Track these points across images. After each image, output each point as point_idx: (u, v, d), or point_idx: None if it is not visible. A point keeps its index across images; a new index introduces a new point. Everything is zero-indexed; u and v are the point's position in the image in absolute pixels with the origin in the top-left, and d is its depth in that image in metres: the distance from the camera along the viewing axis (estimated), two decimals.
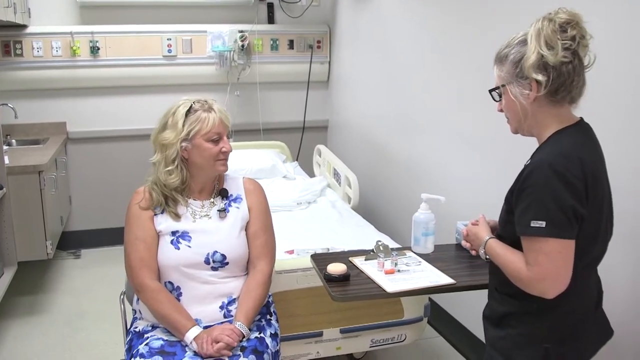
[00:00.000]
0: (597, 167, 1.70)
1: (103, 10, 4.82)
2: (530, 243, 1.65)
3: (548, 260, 1.61)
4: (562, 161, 1.61)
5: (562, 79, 1.65)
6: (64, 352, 3.48)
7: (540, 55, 1.63)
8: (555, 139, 1.71)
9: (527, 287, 1.67)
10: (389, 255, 2.33)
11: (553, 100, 1.69)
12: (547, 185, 1.61)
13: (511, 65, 1.72)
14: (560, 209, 1.59)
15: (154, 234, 2.28)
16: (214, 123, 2.24)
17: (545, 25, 1.64)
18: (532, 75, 1.66)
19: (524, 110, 1.73)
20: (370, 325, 2.87)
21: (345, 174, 4.06)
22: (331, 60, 5.34)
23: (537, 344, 1.72)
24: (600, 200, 1.69)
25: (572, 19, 1.64)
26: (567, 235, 1.60)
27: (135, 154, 4.82)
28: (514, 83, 1.72)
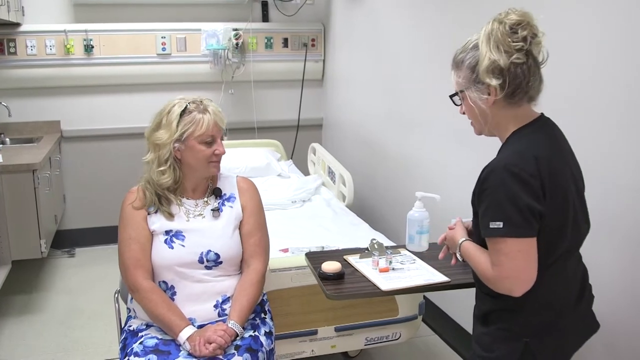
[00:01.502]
0: (557, 162, 1.69)
1: (97, 9, 4.82)
2: (491, 244, 1.67)
3: (508, 260, 1.63)
4: (517, 161, 1.63)
5: (517, 81, 1.66)
6: (58, 351, 3.48)
7: (492, 59, 1.64)
8: (513, 139, 1.73)
9: (494, 287, 1.70)
10: (383, 254, 2.33)
11: (511, 102, 1.70)
12: (502, 186, 1.63)
13: (467, 70, 1.73)
14: (516, 208, 1.60)
15: (147, 233, 2.27)
16: (208, 125, 2.23)
17: (495, 27, 1.65)
18: (487, 81, 1.67)
19: (483, 114, 1.75)
20: (364, 323, 2.87)
21: (340, 172, 4.06)
22: (325, 58, 5.35)
23: (517, 339, 1.73)
24: (563, 194, 1.68)
25: (522, 20, 1.65)
26: (525, 234, 1.62)
27: (130, 152, 4.82)
28: (471, 88, 1.73)
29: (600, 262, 2.24)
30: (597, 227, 2.25)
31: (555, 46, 2.42)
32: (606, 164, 2.20)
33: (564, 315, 1.76)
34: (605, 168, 2.21)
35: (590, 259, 2.27)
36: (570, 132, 2.32)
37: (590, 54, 2.27)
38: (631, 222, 2.13)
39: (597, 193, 2.24)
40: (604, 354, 2.29)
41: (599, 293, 2.25)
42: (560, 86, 2.40)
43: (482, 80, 1.68)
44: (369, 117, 4.49)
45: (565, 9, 2.37)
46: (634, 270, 2.13)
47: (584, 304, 1.85)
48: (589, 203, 2.26)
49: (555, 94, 2.43)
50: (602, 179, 2.21)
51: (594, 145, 2.25)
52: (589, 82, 2.28)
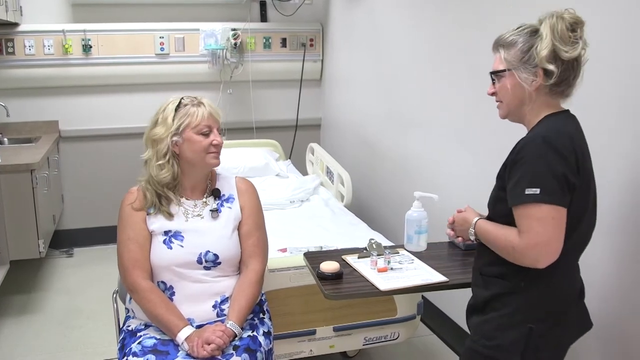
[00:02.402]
0: (585, 148, 1.77)
1: (95, 9, 4.82)
2: (524, 210, 1.69)
3: (541, 226, 1.66)
4: (555, 135, 1.69)
5: (567, 74, 1.74)
6: (57, 351, 3.47)
7: (554, 48, 1.71)
8: (547, 120, 1.78)
9: (519, 256, 1.71)
10: (382, 254, 2.33)
11: (554, 91, 1.77)
12: (540, 155, 1.67)
13: (519, 52, 1.78)
14: (554, 177, 1.65)
15: (146, 234, 2.27)
16: (203, 116, 2.24)
17: (560, 22, 1.71)
18: (545, 65, 1.72)
19: (528, 96, 1.79)
20: (363, 323, 2.87)
21: (338, 172, 4.06)
22: (324, 58, 5.35)
23: (521, 324, 1.76)
24: (588, 179, 1.76)
25: (579, 21, 1.73)
26: (560, 202, 1.66)
27: (128, 152, 4.81)
28: (520, 68, 1.78)
29: (597, 262, 2.25)
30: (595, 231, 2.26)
31: None
32: (604, 164, 2.21)
33: (567, 307, 1.81)
34: (603, 169, 2.21)
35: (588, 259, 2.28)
36: None
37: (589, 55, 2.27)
38: (628, 220, 2.13)
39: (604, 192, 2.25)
40: (601, 354, 2.29)
41: (596, 293, 2.26)
42: None
43: (536, 63, 1.74)
44: (367, 117, 4.49)
45: None
46: (632, 269, 2.14)
47: (582, 301, 1.91)
48: None
49: None
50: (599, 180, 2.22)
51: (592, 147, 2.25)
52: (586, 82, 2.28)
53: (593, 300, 2.12)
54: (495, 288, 1.83)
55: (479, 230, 1.89)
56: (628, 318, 2.16)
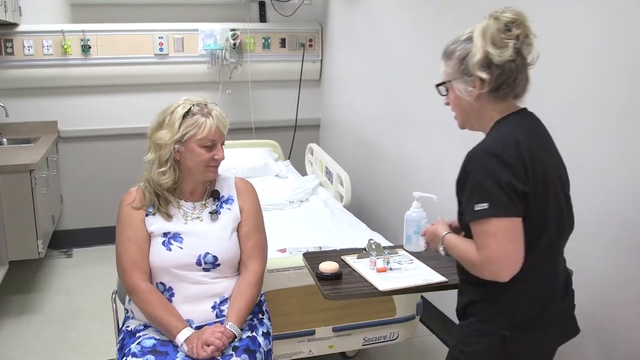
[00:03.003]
0: (538, 150, 1.70)
1: (94, 9, 4.81)
2: (477, 227, 1.66)
3: (495, 241, 1.62)
4: (498, 145, 1.66)
5: (504, 77, 1.69)
6: (56, 351, 3.47)
7: (486, 53, 1.66)
8: (496, 126, 1.75)
9: (480, 272, 1.68)
10: (381, 254, 2.33)
11: (495, 96, 1.72)
12: (484, 168, 1.64)
13: (457, 61, 1.75)
14: (501, 188, 1.61)
15: (145, 235, 2.27)
16: (210, 129, 2.22)
17: (491, 23, 1.67)
18: (477, 73, 1.68)
19: (469, 106, 1.77)
20: (362, 323, 2.87)
21: (338, 172, 4.06)
22: (323, 58, 5.35)
23: (495, 331, 1.72)
24: (545, 182, 1.68)
25: (516, 18, 1.67)
26: (510, 213, 1.61)
27: (127, 152, 4.81)
28: (459, 79, 1.76)
29: (596, 262, 2.25)
30: (595, 229, 2.26)
31: (554, 47, 2.43)
32: (604, 163, 2.21)
33: (544, 311, 1.75)
34: (603, 168, 2.21)
35: (586, 260, 2.28)
36: (566, 133, 2.33)
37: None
38: (625, 223, 2.13)
39: (592, 194, 2.25)
40: (599, 354, 2.30)
41: (593, 294, 2.26)
42: (558, 88, 2.41)
43: (470, 72, 1.70)
44: (366, 118, 4.49)
45: (564, 10, 2.37)
46: (631, 269, 2.14)
47: (565, 305, 1.85)
48: (585, 204, 2.28)
49: (553, 95, 2.44)
50: (600, 180, 2.22)
51: (591, 147, 2.26)
52: (584, 84, 2.28)
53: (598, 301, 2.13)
54: (470, 295, 1.81)
55: (447, 245, 1.86)
56: (632, 318, 2.17)
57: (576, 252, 2.25)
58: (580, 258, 2.26)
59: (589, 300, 2.25)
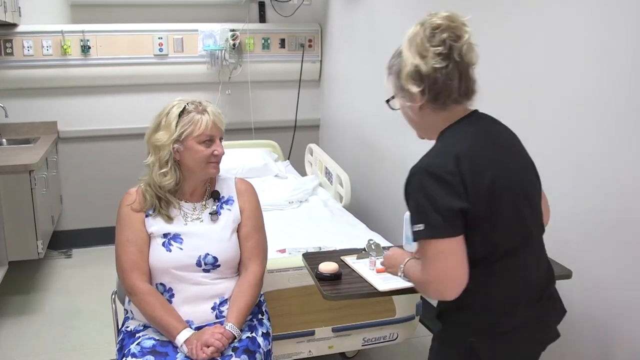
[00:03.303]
0: (485, 157, 1.65)
1: (94, 9, 4.81)
2: (418, 247, 1.67)
3: (433, 262, 1.62)
4: (436, 160, 1.63)
5: (437, 86, 1.65)
6: (56, 351, 3.47)
7: (414, 65, 1.64)
8: (440, 138, 1.73)
9: (427, 293, 1.71)
10: (380, 254, 2.32)
11: (435, 107, 1.69)
12: (421, 187, 1.62)
13: (394, 77, 1.74)
14: (435, 209, 1.59)
15: (145, 236, 2.27)
16: (206, 125, 2.22)
17: (417, 31, 1.65)
18: (408, 87, 1.67)
19: (416, 118, 1.75)
20: (362, 324, 2.87)
21: (337, 172, 4.06)
22: (323, 59, 5.34)
23: (463, 339, 1.71)
24: (491, 191, 1.63)
25: (441, 23, 1.64)
26: (446, 234, 1.59)
27: (127, 153, 4.82)
28: (399, 94, 1.74)
29: (596, 262, 2.25)
30: (595, 229, 2.26)
31: (554, 47, 2.43)
32: (603, 164, 2.21)
33: (514, 317, 1.71)
34: (603, 168, 2.21)
35: (586, 260, 2.28)
36: (566, 133, 2.33)
37: (587, 55, 2.27)
38: (625, 223, 2.13)
39: (592, 194, 2.25)
40: (599, 354, 2.30)
41: (593, 294, 2.26)
42: (558, 88, 2.41)
43: (405, 87, 1.68)
44: (366, 118, 4.49)
45: (564, 10, 2.37)
46: (630, 269, 2.14)
47: (540, 309, 1.78)
48: (585, 204, 2.28)
49: (553, 95, 2.44)
50: (599, 181, 2.22)
51: (591, 147, 2.26)
52: (584, 84, 2.28)
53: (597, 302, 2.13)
54: (441, 304, 1.81)
55: (405, 272, 1.90)
56: (633, 319, 2.17)
57: (576, 253, 2.26)
58: (580, 258, 2.27)
59: (589, 300, 2.26)
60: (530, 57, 2.55)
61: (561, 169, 2.37)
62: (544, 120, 2.47)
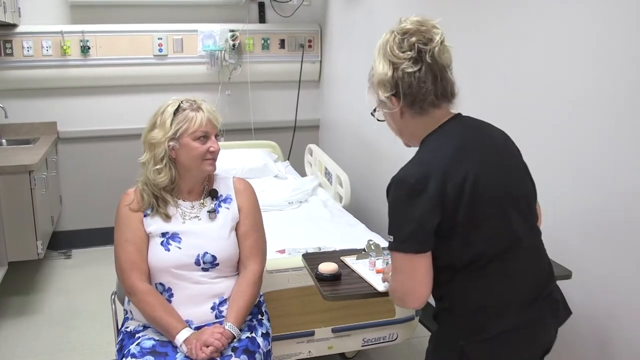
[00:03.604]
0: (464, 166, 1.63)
1: (93, 10, 4.81)
2: (390, 257, 1.70)
3: (397, 274, 1.67)
4: (412, 173, 1.63)
5: (412, 90, 1.65)
6: (56, 352, 3.47)
7: (383, 72, 1.65)
8: (420, 148, 1.74)
9: (393, 299, 1.75)
10: (380, 255, 2.33)
11: (413, 111, 1.70)
12: (396, 199, 1.63)
13: (373, 88, 1.75)
14: (406, 223, 1.60)
15: (143, 235, 2.27)
16: (201, 122, 2.23)
17: (387, 39, 1.66)
18: (379, 95, 1.68)
19: (399, 125, 1.76)
20: (362, 324, 2.87)
21: (337, 173, 4.06)
22: (322, 59, 5.34)
23: (453, 342, 1.72)
24: (472, 201, 1.61)
25: (410, 28, 1.66)
26: (411, 250, 1.61)
27: (126, 153, 4.80)
28: (379, 105, 1.75)
29: (596, 262, 2.25)
30: (595, 229, 2.26)
31: (554, 47, 2.43)
32: (603, 164, 2.21)
33: (503, 320, 1.69)
34: (602, 168, 2.21)
35: (586, 260, 2.28)
36: (566, 133, 2.33)
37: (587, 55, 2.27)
38: (625, 224, 2.13)
39: (591, 194, 2.25)
40: (599, 354, 2.30)
41: (593, 294, 2.26)
42: (558, 88, 2.41)
43: (378, 95, 1.69)
44: (366, 118, 4.45)
45: (564, 10, 2.37)
46: (630, 270, 2.14)
47: (535, 310, 1.73)
48: (585, 204, 2.28)
49: (553, 95, 2.44)
50: (599, 181, 2.22)
51: (591, 147, 2.26)
52: (584, 84, 2.28)
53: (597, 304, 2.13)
54: (436, 306, 1.82)
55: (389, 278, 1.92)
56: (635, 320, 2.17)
57: (576, 253, 2.26)
58: (580, 258, 2.27)
59: (589, 300, 2.26)
60: (530, 57, 2.55)
61: (561, 169, 2.37)
62: (544, 120, 2.47)
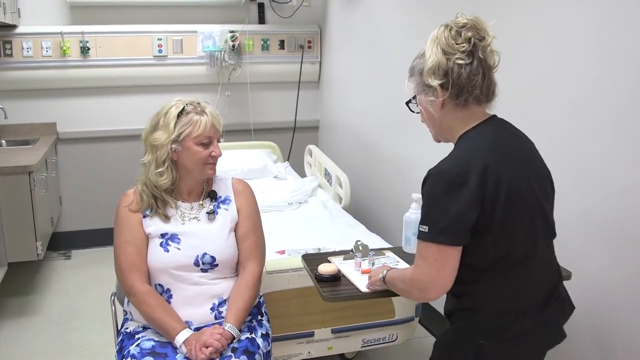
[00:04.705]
0: (504, 166, 1.67)
1: (93, 10, 4.81)
2: (417, 246, 1.71)
3: (425, 265, 1.67)
4: (454, 167, 1.65)
5: (461, 81, 1.68)
6: (55, 353, 3.47)
7: (436, 60, 1.67)
8: (459, 143, 1.75)
9: (409, 290, 1.77)
10: (366, 255, 2.33)
11: (457, 103, 1.72)
12: (434, 192, 1.66)
13: (417, 75, 1.76)
14: (444, 215, 1.62)
15: (143, 236, 2.27)
16: (205, 127, 2.23)
17: (441, 31, 1.69)
18: (429, 81, 1.69)
19: (434, 118, 1.77)
20: (361, 325, 2.87)
21: (336, 174, 4.06)
22: (322, 60, 5.35)
23: (472, 340, 1.73)
24: (508, 200, 1.65)
25: (467, 22, 1.68)
26: (445, 242, 1.63)
27: (126, 154, 4.82)
28: (422, 92, 1.76)
29: (596, 262, 2.25)
30: (595, 229, 2.26)
31: (554, 47, 2.43)
32: (603, 164, 2.21)
33: (520, 321, 1.73)
34: (603, 168, 2.21)
35: (586, 260, 2.28)
36: (566, 133, 2.33)
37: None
38: (625, 224, 2.13)
39: (591, 195, 2.25)
40: (599, 354, 2.30)
41: (593, 294, 2.26)
42: (558, 88, 2.41)
43: (427, 82, 1.71)
44: (365, 119, 4.49)
45: (564, 9, 2.37)
46: (630, 270, 2.14)
47: (549, 312, 1.79)
48: (585, 205, 2.28)
49: (553, 95, 2.44)
50: (600, 181, 2.22)
51: (591, 147, 2.26)
52: (584, 84, 2.28)
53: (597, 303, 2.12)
54: (451, 304, 1.83)
55: (388, 281, 1.94)
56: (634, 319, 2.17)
57: (576, 253, 2.26)
58: (580, 258, 2.27)
59: (589, 300, 2.26)
60: (530, 57, 2.54)
61: (561, 169, 2.36)
62: (544, 120, 2.47)
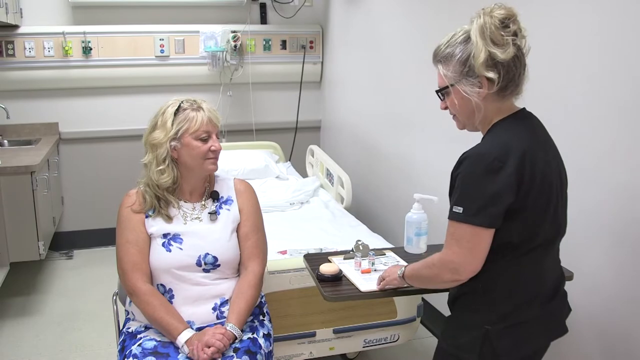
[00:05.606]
0: (538, 154, 1.70)
1: (95, 11, 4.82)
2: (449, 227, 1.70)
3: (457, 245, 1.67)
4: (493, 151, 1.66)
5: (511, 74, 1.69)
6: (57, 352, 3.47)
7: (490, 52, 1.66)
8: (495, 130, 1.75)
9: (440, 271, 1.74)
10: (366, 255, 2.33)
11: (501, 95, 1.72)
12: (472, 173, 1.66)
13: (458, 64, 1.74)
14: (480, 196, 1.63)
15: (145, 236, 2.27)
16: (202, 121, 2.24)
17: (488, 21, 1.66)
18: (484, 74, 1.68)
19: (476, 106, 1.75)
20: (363, 325, 2.87)
21: (338, 174, 4.06)
22: (324, 60, 5.35)
23: (478, 325, 1.74)
24: (542, 187, 1.69)
25: (510, 14, 1.68)
26: (479, 223, 1.64)
27: (128, 154, 4.82)
28: (462, 81, 1.74)
29: (596, 262, 2.25)
30: (595, 228, 2.26)
31: (554, 47, 2.43)
32: (603, 164, 2.21)
33: (530, 309, 1.76)
34: (603, 168, 2.21)
35: (586, 260, 2.28)
36: (566, 133, 2.33)
37: (591, 55, 2.27)
38: (625, 223, 2.13)
39: (592, 194, 2.25)
40: (599, 354, 2.30)
41: (593, 294, 2.26)
42: (558, 88, 2.41)
43: (477, 73, 1.69)
44: (367, 119, 4.49)
45: (564, 9, 2.37)
46: (631, 270, 2.14)
47: (554, 305, 1.83)
48: (585, 204, 2.28)
49: (553, 95, 2.44)
50: (600, 180, 2.22)
51: (591, 145, 2.26)
52: (584, 84, 2.28)
53: (596, 301, 2.12)
54: (459, 288, 1.82)
55: (409, 275, 1.94)
56: (632, 318, 2.17)
57: (576, 252, 2.26)
58: (580, 258, 2.27)
59: (589, 300, 2.26)
60: (531, 57, 2.54)
61: None
62: (545, 120, 2.46)
